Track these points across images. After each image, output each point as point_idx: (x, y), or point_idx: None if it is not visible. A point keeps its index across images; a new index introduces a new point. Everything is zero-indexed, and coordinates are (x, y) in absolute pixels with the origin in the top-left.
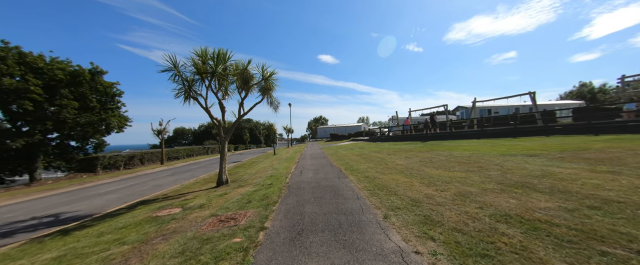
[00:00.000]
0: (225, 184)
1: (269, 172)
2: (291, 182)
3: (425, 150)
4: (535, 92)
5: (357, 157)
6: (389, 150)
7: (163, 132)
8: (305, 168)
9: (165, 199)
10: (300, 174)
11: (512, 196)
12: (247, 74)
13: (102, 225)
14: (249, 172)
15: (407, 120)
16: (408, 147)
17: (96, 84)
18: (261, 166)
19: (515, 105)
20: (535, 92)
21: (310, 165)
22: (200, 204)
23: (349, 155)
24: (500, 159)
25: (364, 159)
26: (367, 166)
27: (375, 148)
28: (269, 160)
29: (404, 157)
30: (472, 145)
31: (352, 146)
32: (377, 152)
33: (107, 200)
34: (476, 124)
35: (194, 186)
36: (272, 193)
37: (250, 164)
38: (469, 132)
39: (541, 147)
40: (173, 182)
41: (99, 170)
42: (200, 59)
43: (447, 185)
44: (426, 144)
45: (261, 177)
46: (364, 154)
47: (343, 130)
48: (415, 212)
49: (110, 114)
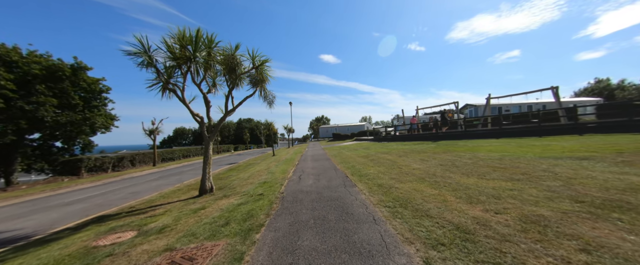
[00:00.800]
0: (209, 192)
1: (264, 176)
2: (287, 191)
3: (440, 152)
4: (557, 87)
5: (364, 159)
6: (399, 151)
7: (155, 132)
8: (305, 172)
9: (130, 213)
10: (298, 180)
11: (622, 227)
12: (233, 61)
13: (12, 263)
14: (241, 176)
15: (414, 119)
16: (419, 147)
17: (79, 80)
18: (256, 169)
19: (527, 103)
20: (558, 87)
21: (311, 169)
22: (162, 226)
23: (354, 157)
24: (545, 163)
25: (372, 161)
26: (378, 171)
27: (383, 148)
28: (266, 162)
29: (418, 160)
30: (495, 146)
31: (356, 146)
32: (385, 153)
33: (66, 213)
34: (490, 122)
35: (173, 195)
36: (260, 209)
37: (245, 166)
38: (484, 130)
39: (584, 148)
40: (154, 189)
41: (83, 172)
42: (178, 42)
43: (498, 203)
44: (439, 144)
45: (253, 184)
46: (370, 155)
47: (346, 129)
48: (475, 256)
49: (94, 112)
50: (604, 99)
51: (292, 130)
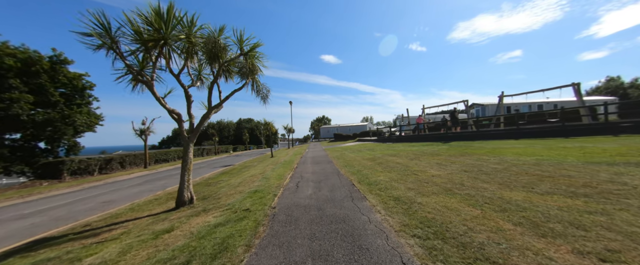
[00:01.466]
0: (188, 204)
1: (256, 183)
2: (280, 206)
3: (457, 154)
4: (579, 83)
5: (370, 162)
6: (408, 153)
7: (147, 132)
8: (304, 178)
9: (78, 236)
10: (296, 188)
11: None
12: (216, 46)
13: None
14: (231, 182)
15: (420, 119)
16: (430, 149)
17: (58, 75)
18: (250, 173)
19: (537, 102)
20: (580, 84)
21: (311, 174)
22: (101, 262)
23: (359, 160)
24: (602, 172)
25: (380, 165)
26: (389, 177)
27: (389, 150)
28: (263, 164)
29: (435, 164)
30: (521, 148)
31: (360, 147)
32: (393, 156)
33: (7, 232)
34: (503, 122)
35: (146, 207)
36: (241, 235)
37: (240, 169)
38: (499, 131)
39: (635, 151)
40: (133, 196)
41: (65, 176)
42: (145, 20)
43: (587, 237)
44: (451, 145)
45: (242, 193)
46: (377, 157)
47: (347, 130)
48: None
49: (75, 109)
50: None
51: (292, 130)
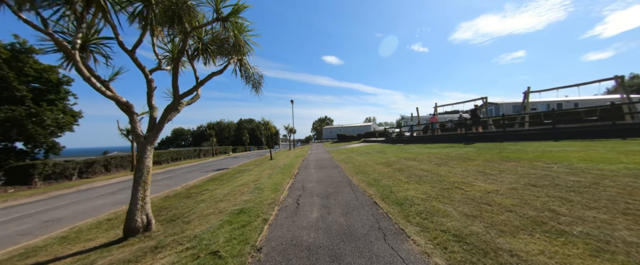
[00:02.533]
0: (141, 231)
1: (245, 196)
2: (269, 245)
3: (496, 159)
4: (623, 76)
5: (386, 167)
6: (429, 156)
7: None
8: (307, 190)
9: None
10: (295, 208)
11: None
12: (180, 7)
13: None
14: (216, 194)
15: (434, 117)
16: (454, 151)
17: (23, 66)
18: (242, 181)
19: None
20: (623, 77)
21: (316, 184)
22: None
23: (372, 165)
24: None
25: (401, 173)
26: (423, 192)
27: (403, 153)
28: (260, 168)
29: (476, 172)
30: (578, 152)
31: (367, 149)
32: (412, 160)
33: None
34: (528, 121)
35: (84, 235)
36: None
37: (233, 174)
38: (529, 131)
39: None
40: (90, 212)
41: (36, 181)
42: None
43: None
44: (477, 147)
45: (222, 213)
46: (392, 162)
47: (351, 130)
48: None
49: (44, 107)
50: None
51: (293, 130)
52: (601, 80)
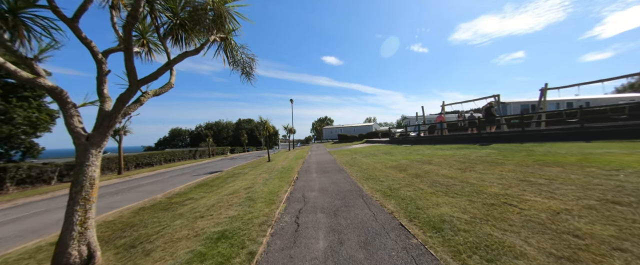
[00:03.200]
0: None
1: (233, 209)
2: None
3: (531, 163)
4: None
5: (400, 172)
6: (446, 159)
7: (121, 132)
8: (309, 201)
9: None
10: (294, 232)
11: None
12: None
13: None
14: (198, 206)
15: (441, 117)
16: (472, 153)
17: None
18: (233, 188)
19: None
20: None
21: (319, 193)
22: None
23: (381, 168)
24: None
25: (420, 180)
26: (463, 209)
27: (414, 154)
28: (256, 171)
29: (520, 182)
30: (629, 156)
31: (372, 150)
32: (427, 163)
33: None
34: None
35: None
36: None
37: (224, 178)
38: (552, 131)
39: None
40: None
41: (8, 186)
42: None
43: None
44: (497, 148)
45: (198, 237)
46: (403, 165)
47: (352, 130)
48: None
49: (14, 103)
50: None
51: (293, 130)
52: (629, 75)
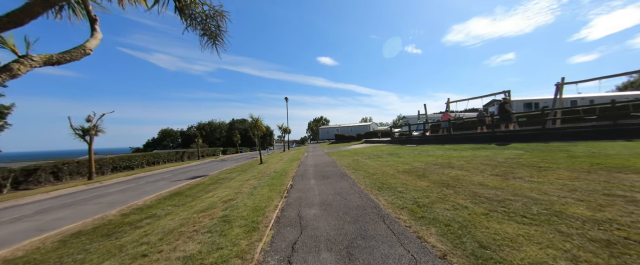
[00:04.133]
0: None
1: (193, 244)
2: None
3: (586, 167)
4: None
5: (418, 179)
6: (470, 162)
7: (92, 131)
8: (307, 226)
9: None
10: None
11: None
12: None
13: None
14: (151, 232)
15: (447, 114)
16: (496, 155)
17: None
18: (210, 201)
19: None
20: None
21: (320, 210)
22: None
23: (393, 174)
24: None
25: (453, 190)
26: (569, 255)
27: (425, 156)
28: (244, 176)
29: (605, 195)
30: None
31: (375, 151)
32: (447, 166)
33: None
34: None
35: None
36: None
37: (206, 185)
38: (578, 129)
39: None
40: None
41: None
42: None
43: None
44: (522, 149)
45: None
46: (418, 169)
47: (350, 130)
48: None
49: None
50: None
51: (288, 130)
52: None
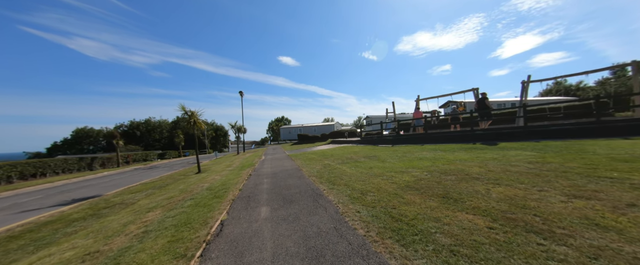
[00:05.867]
0: None
1: None
2: None
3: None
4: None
5: (451, 206)
6: (483, 166)
7: None
8: None
9: None
10: None
11: None
12: None
13: None
14: None
15: (419, 113)
16: (511, 158)
17: None
18: None
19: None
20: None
21: None
22: None
23: (397, 193)
24: None
25: (545, 240)
26: None
27: (415, 160)
28: (155, 198)
29: None
30: None
31: (347, 153)
32: (463, 178)
33: None
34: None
35: None
36: None
37: (68, 222)
38: (563, 127)
39: None
40: None
41: None
42: None
43: None
44: (524, 148)
45: None
46: (428, 184)
47: (313, 130)
48: None
49: None
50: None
51: (243, 130)
52: (615, 66)
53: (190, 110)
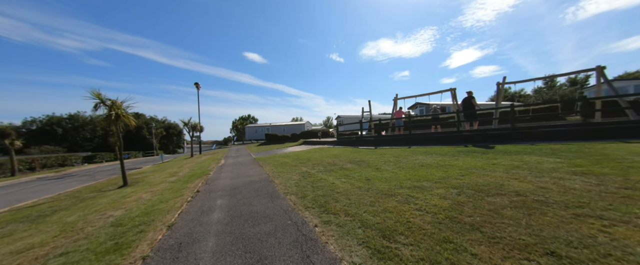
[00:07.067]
0: None
1: None
2: None
3: None
4: (604, 67)
5: None
6: (524, 180)
7: None
8: None
9: None
10: None
11: None
12: None
13: None
14: None
15: (400, 112)
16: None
17: None
18: None
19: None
20: (605, 68)
21: None
22: None
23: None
24: None
25: None
26: None
27: (419, 168)
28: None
29: None
30: None
31: (327, 157)
32: (488, 194)
33: None
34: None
35: None
36: None
37: None
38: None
39: None
40: None
41: None
42: None
43: None
44: (534, 152)
45: None
46: (462, 204)
47: (282, 129)
48: None
49: None
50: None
51: (198, 128)
52: (581, 71)
53: (109, 100)
